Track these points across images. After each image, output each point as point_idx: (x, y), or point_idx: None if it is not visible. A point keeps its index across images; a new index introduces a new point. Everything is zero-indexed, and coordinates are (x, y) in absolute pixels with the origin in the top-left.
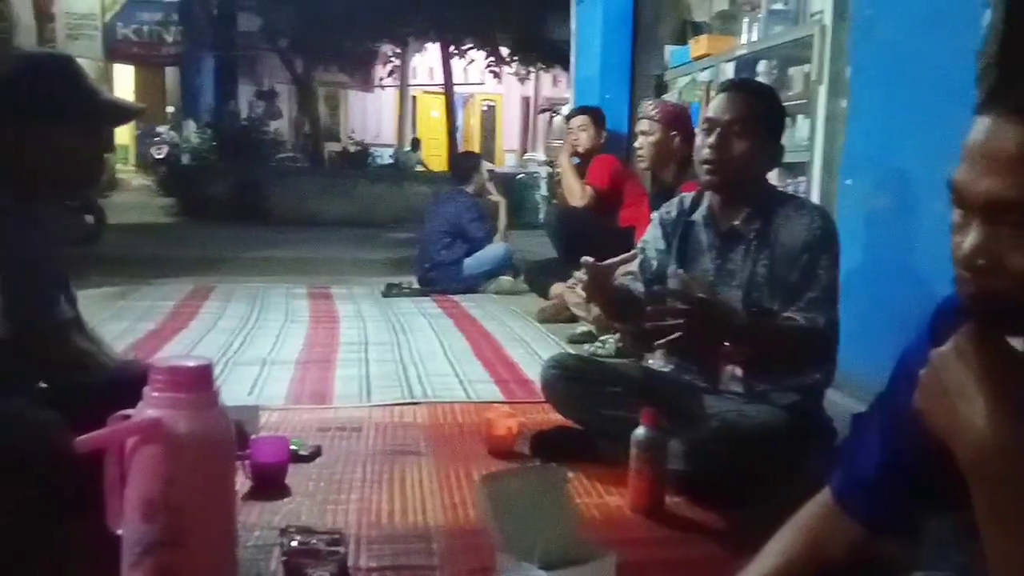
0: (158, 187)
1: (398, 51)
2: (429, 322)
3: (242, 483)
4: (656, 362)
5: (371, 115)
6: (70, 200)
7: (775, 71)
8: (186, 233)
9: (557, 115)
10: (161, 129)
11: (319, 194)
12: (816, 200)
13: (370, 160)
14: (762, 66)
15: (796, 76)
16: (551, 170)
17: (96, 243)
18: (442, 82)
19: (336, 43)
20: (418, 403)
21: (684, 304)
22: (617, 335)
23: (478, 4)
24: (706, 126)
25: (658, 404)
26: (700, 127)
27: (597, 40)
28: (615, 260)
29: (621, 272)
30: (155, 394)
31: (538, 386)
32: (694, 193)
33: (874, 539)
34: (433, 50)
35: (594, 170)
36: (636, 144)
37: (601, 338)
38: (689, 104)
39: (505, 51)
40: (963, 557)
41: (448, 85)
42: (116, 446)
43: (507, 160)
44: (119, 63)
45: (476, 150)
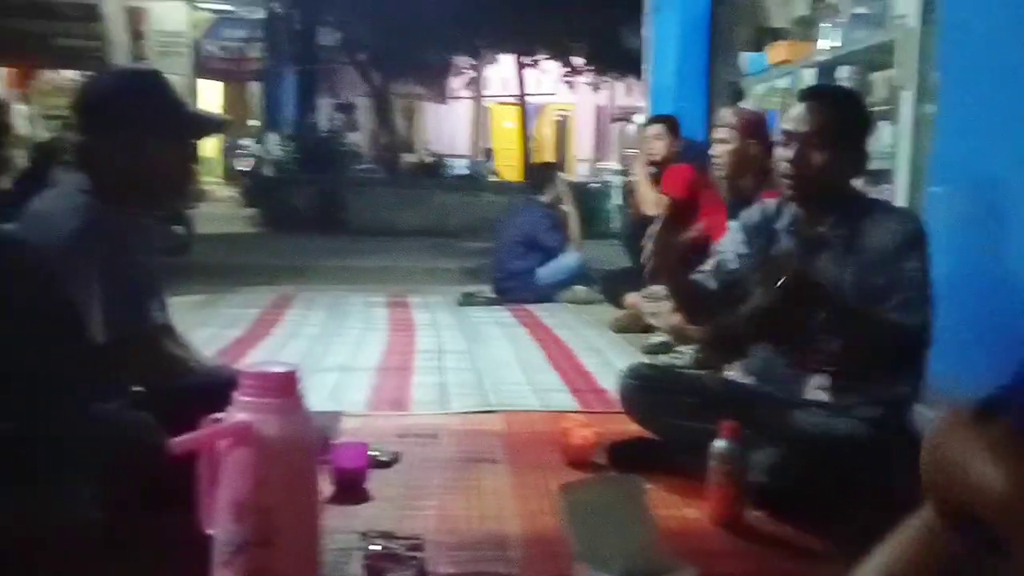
0: (242, 198)
1: (472, 63)
2: (504, 331)
3: (324, 487)
4: (735, 373)
5: (446, 126)
6: (161, 211)
7: (857, 76)
8: (269, 243)
9: (631, 124)
10: (245, 142)
11: (395, 204)
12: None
13: (444, 170)
14: (843, 72)
15: (879, 81)
16: (624, 179)
17: (185, 253)
18: (515, 93)
19: (412, 56)
20: (494, 411)
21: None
22: (695, 346)
23: (552, 15)
24: (784, 138)
25: (738, 416)
26: (779, 138)
27: (672, 48)
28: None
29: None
30: (245, 398)
31: (614, 396)
32: (777, 201)
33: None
34: (507, 61)
35: (669, 179)
36: (713, 152)
37: (678, 348)
38: (766, 111)
39: (578, 61)
40: None
41: (521, 96)
42: (208, 448)
43: (579, 169)
44: (206, 79)
45: (550, 160)
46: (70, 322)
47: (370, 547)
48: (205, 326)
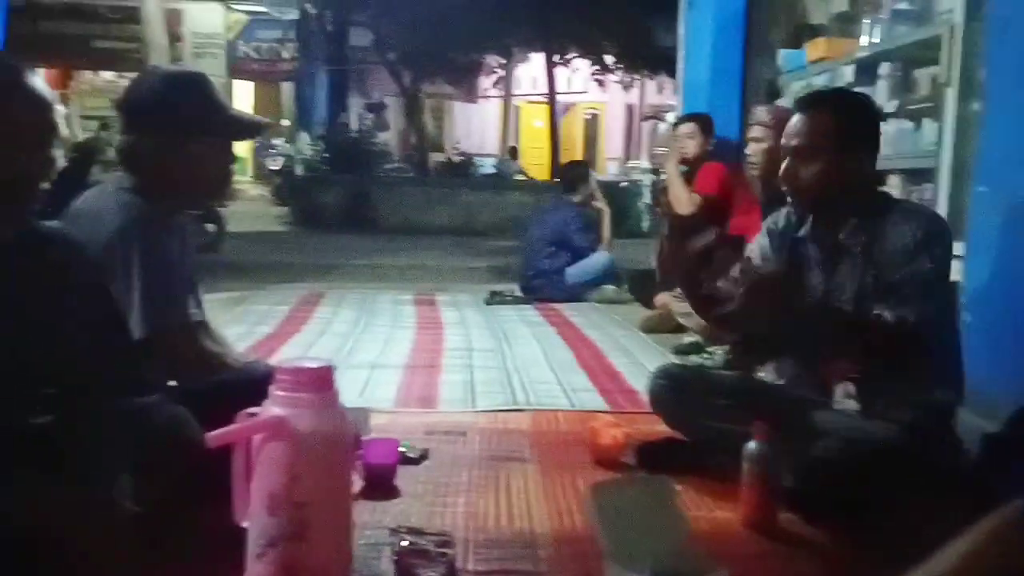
0: (273, 197)
1: (502, 62)
2: (532, 330)
3: (354, 483)
4: (767, 375)
5: (475, 125)
6: (196, 209)
7: (898, 74)
8: (299, 241)
9: (662, 122)
10: (277, 142)
11: (424, 203)
12: (944, 208)
13: (473, 170)
14: (884, 68)
15: (922, 78)
16: (655, 178)
17: (217, 250)
18: (545, 91)
19: (443, 55)
20: (522, 410)
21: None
22: (726, 347)
23: (583, 14)
24: (790, 141)
25: (770, 418)
26: (782, 149)
27: (707, 45)
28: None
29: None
30: (280, 393)
31: (644, 396)
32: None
33: None
34: (537, 60)
35: (702, 177)
36: (748, 151)
37: (709, 349)
38: None
39: (609, 59)
40: None
41: (551, 94)
42: (243, 442)
43: (609, 168)
44: (240, 79)
45: (579, 158)
46: (110, 317)
47: (400, 543)
48: (237, 323)
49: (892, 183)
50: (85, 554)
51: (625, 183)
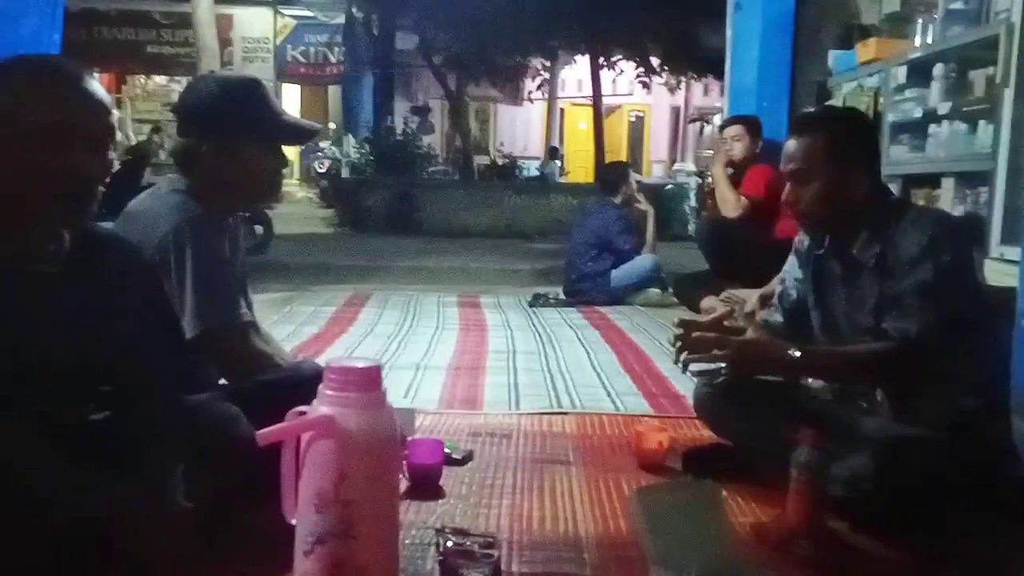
0: (320, 199)
1: (547, 64)
2: (576, 333)
3: (400, 483)
4: (814, 382)
5: (519, 128)
6: (247, 211)
7: (952, 74)
8: (345, 243)
9: (708, 125)
10: (323, 145)
11: (468, 206)
12: (999, 211)
13: (517, 172)
14: (938, 69)
15: (977, 79)
16: (700, 181)
17: (265, 252)
18: (590, 94)
19: (487, 58)
20: (566, 413)
21: (725, 345)
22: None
23: (629, 16)
24: (784, 171)
25: (817, 424)
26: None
27: (755, 47)
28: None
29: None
30: (329, 392)
31: (689, 401)
32: None
33: None
34: (582, 62)
35: (749, 180)
36: None
37: None
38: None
39: (655, 61)
40: None
41: (596, 97)
42: (292, 440)
43: (655, 171)
44: (288, 83)
45: (622, 160)
46: (164, 316)
47: (445, 543)
48: (284, 323)
49: (945, 186)
50: (141, 549)
51: (670, 186)
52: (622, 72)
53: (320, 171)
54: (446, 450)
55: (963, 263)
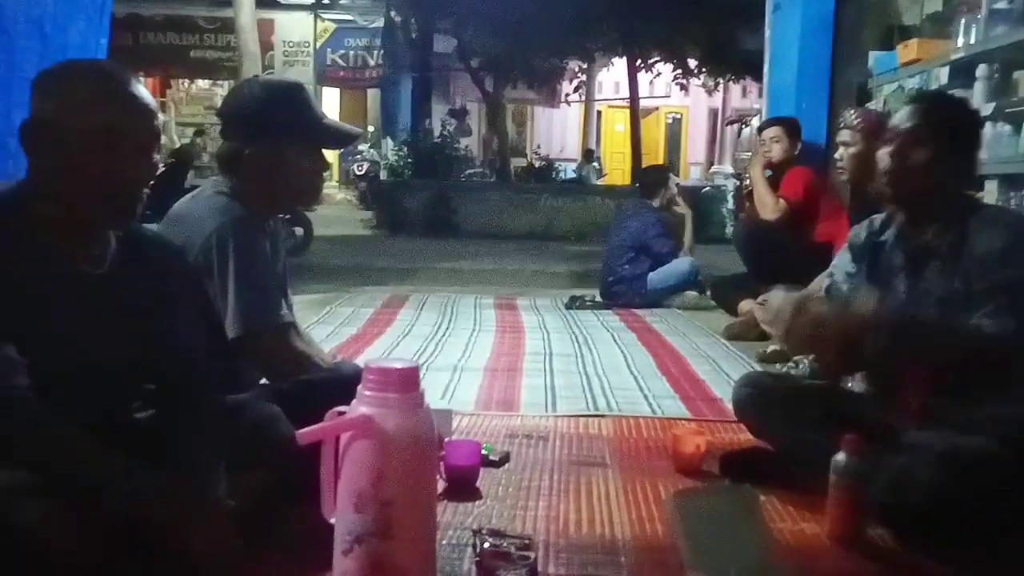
0: (358, 201)
1: (584, 66)
2: (612, 335)
3: (437, 484)
4: (856, 385)
5: (556, 130)
6: (288, 213)
7: (996, 75)
8: (383, 244)
9: (746, 127)
10: (362, 147)
11: (505, 208)
12: None
13: (554, 175)
14: (981, 70)
15: (1022, 80)
16: (738, 183)
17: (305, 253)
18: (627, 96)
19: (525, 61)
20: (602, 416)
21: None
22: (812, 355)
23: (667, 17)
24: (888, 136)
25: (859, 429)
26: (881, 140)
27: (794, 47)
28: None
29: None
30: (368, 393)
31: (726, 404)
32: (885, 215)
33: None
34: (619, 64)
35: (788, 182)
36: (836, 155)
37: (795, 358)
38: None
39: (693, 63)
40: None
41: (634, 99)
42: (331, 440)
43: (692, 173)
44: (327, 87)
45: (659, 163)
46: (207, 316)
47: (482, 544)
48: (323, 324)
49: (988, 189)
50: (188, 546)
51: (708, 188)
52: (659, 74)
53: (359, 174)
54: (483, 451)
55: None
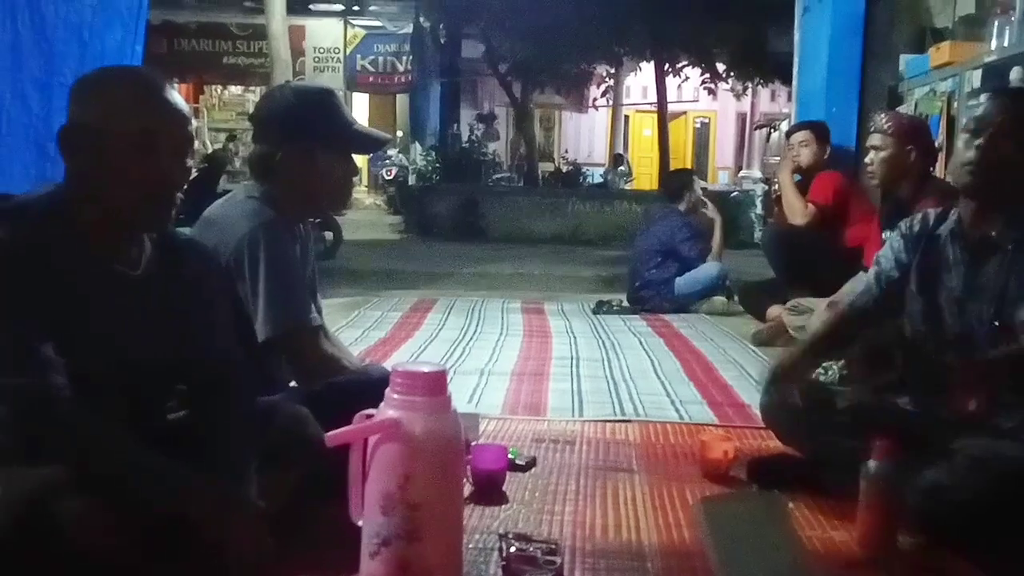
0: (387, 206)
1: (612, 71)
2: (639, 340)
3: (464, 487)
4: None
5: (584, 135)
6: (318, 218)
7: None
8: (412, 249)
9: (775, 131)
10: (391, 152)
11: (532, 212)
12: None
13: (582, 179)
14: (1015, 73)
15: None
16: (766, 187)
17: (334, 257)
18: (655, 100)
19: (552, 66)
20: (629, 421)
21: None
22: (841, 361)
23: (695, 21)
24: (973, 127)
25: (889, 435)
26: (964, 129)
27: (824, 51)
28: None
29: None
30: (396, 396)
31: (754, 410)
32: (940, 209)
33: None
34: (647, 69)
35: (817, 187)
36: (866, 160)
37: (824, 364)
38: (928, 116)
39: (721, 67)
40: None
41: (662, 103)
42: (359, 443)
43: (721, 178)
44: (357, 92)
45: (687, 167)
46: (238, 319)
47: (508, 548)
48: (352, 327)
49: None
50: (222, 545)
51: (736, 193)
52: (687, 78)
53: (388, 178)
54: (510, 456)
55: None
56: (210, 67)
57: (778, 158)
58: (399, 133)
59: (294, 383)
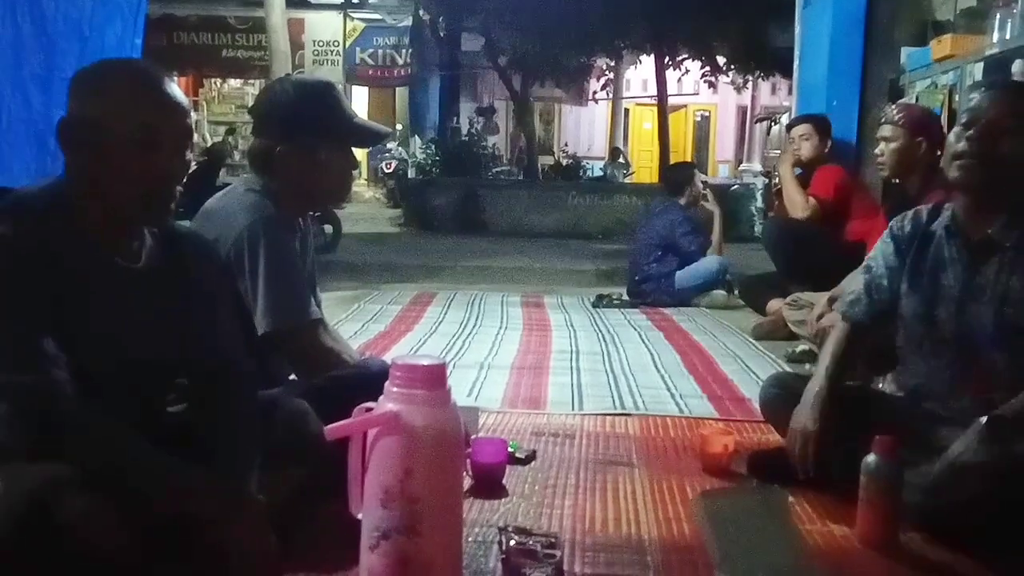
0: (387, 199)
1: (612, 64)
2: (639, 334)
3: (464, 481)
4: (887, 386)
5: (584, 128)
6: (317, 211)
7: None
8: (411, 242)
9: (776, 124)
10: (390, 146)
11: (532, 206)
12: None
13: (582, 173)
14: (1017, 66)
15: None
16: (767, 181)
17: (334, 251)
18: (655, 93)
19: (552, 59)
20: (629, 415)
21: None
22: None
23: (695, 15)
24: (965, 119)
25: (890, 430)
26: (957, 123)
27: (825, 44)
28: None
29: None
30: (395, 389)
31: (754, 404)
32: (932, 205)
33: None
34: (647, 62)
35: (818, 181)
36: (876, 151)
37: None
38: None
39: (721, 60)
40: None
41: (662, 96)
42: (359, 436)
43: (721, 171)
44: (356, 85)
45: (687, 160)
46: (237, 312)
47: (508, 542)
48: (352, 321)
49: None
50: (222, 540)
51: (737, 186)
52: (687, 72)
53: (387, 171)
54: (509, 449)
55: None
56: (209, 60)
57: (779, 151)
58: (399, 126)
59: (293, 377)
